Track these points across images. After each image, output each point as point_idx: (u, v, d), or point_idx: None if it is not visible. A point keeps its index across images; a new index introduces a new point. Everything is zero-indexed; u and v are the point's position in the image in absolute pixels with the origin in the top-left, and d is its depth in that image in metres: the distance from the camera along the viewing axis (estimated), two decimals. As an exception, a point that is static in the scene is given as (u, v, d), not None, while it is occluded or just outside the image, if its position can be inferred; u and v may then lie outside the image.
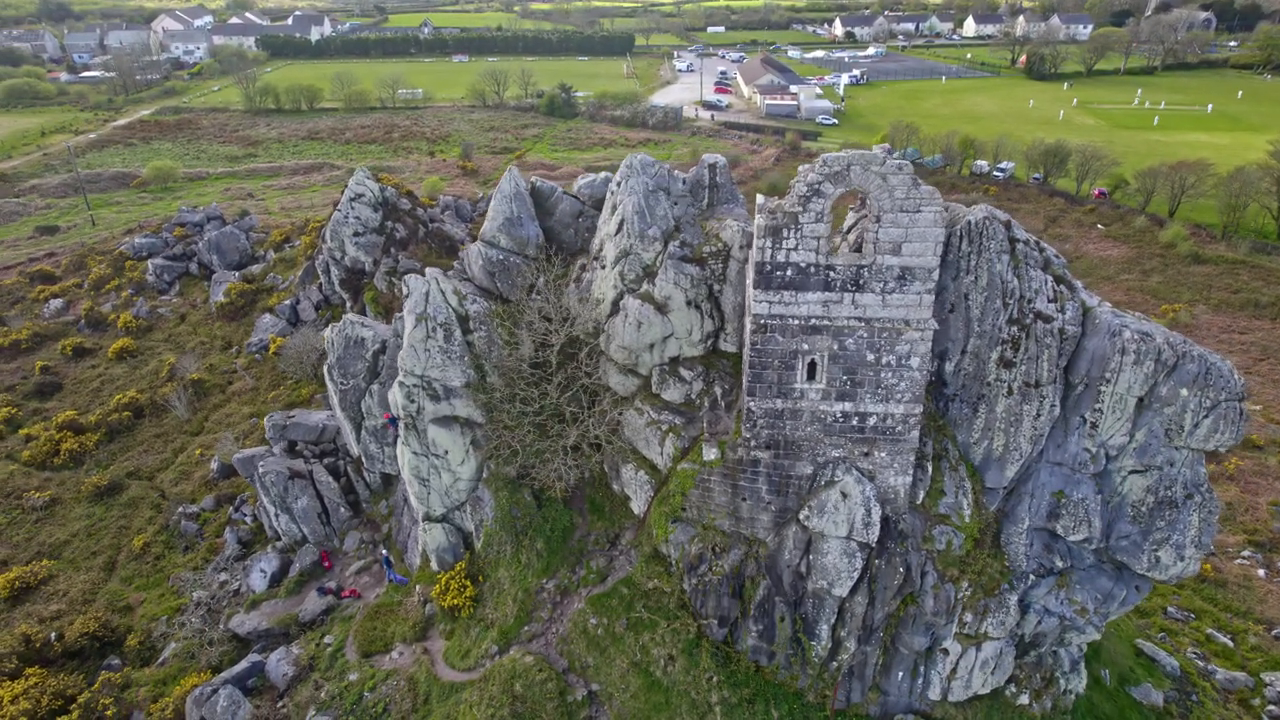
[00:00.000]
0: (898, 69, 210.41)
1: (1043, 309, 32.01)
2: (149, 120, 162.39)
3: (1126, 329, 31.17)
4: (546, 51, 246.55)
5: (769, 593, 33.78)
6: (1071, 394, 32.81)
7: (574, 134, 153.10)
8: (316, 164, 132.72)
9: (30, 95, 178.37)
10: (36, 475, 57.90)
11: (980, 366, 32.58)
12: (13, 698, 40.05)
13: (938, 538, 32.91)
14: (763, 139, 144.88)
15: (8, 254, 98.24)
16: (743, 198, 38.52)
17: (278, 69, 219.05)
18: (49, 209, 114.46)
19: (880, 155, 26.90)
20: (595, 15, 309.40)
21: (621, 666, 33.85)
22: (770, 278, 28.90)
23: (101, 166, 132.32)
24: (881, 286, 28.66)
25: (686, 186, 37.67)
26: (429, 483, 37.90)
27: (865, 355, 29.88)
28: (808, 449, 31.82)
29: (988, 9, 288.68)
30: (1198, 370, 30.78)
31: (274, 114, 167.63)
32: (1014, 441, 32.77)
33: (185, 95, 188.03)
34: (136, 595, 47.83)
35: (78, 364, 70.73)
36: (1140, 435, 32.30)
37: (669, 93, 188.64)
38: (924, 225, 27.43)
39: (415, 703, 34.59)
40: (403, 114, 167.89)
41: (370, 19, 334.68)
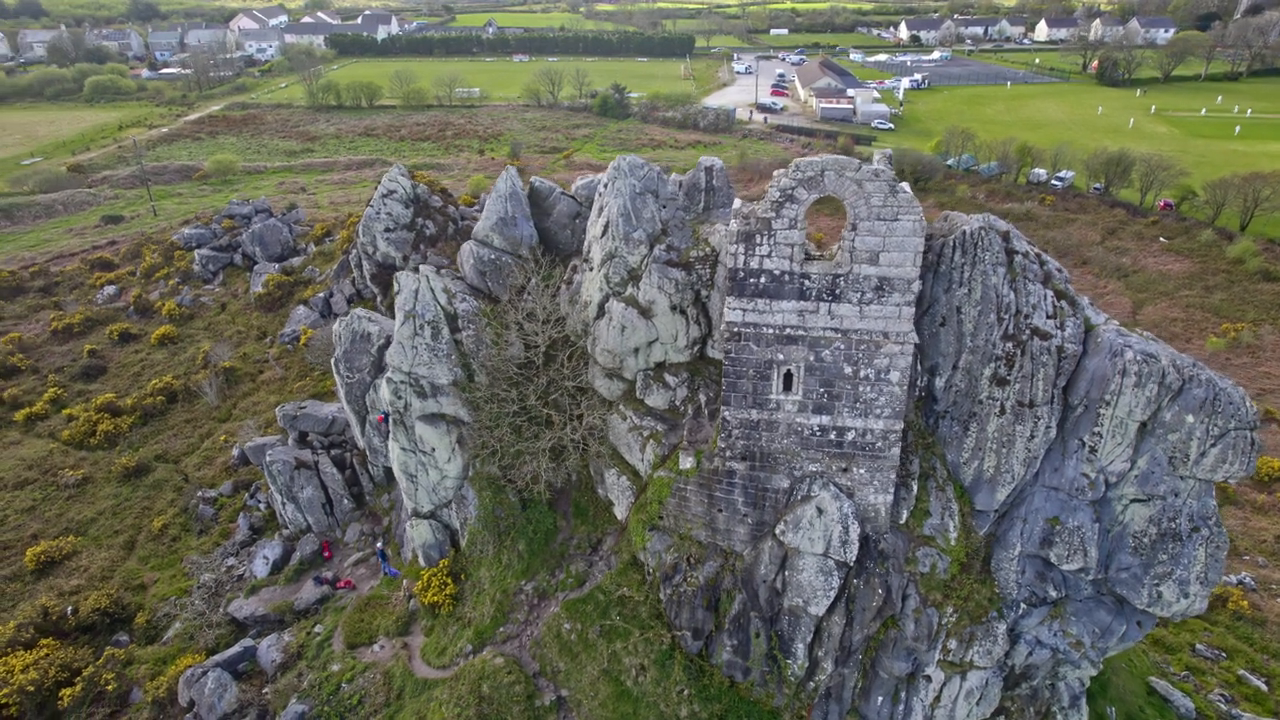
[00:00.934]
0: (961, 73, 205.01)
1: (1040, 325, 30.49)
2: (217, 115, 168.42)
3: (1129, 349, 29.46)
4: (606, 52, 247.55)
5: (744, 607, 32.96)
6: (1070, 416, 31.19)
7: (624, 135, 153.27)
8: (369, 160, 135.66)
9: (112, 91, 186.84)
10: (73, 454, 60.34)
11: (972, 383, 31.21)
12: (23, 667, 41.64)
13: (921, 560, 31.63)
14: (814, 143, 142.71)
15: (75, 241, 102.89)
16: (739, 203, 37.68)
17: (344, 66, 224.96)
18: (116, 199, 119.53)
19: (854, 161, 25.91)
20: (658, 16, 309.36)
21: (592, 673, 33.45)
22: (744, 285, 28.15)
23: (169, 159, 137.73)
24: (859, 297, 27.64)
25: (683, 189, 37.11)
26: (417, 479, 38.12)
27: (843, 368, 28.88)
28: (784, 462, 30.93)
29: (1062, 12, 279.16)
30: (1205, 396, 28.91)
31: (334, 110, 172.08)
32: (1006, 463, 31.29)
33: (254, 92, 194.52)
34: (151, 575, 49.36)
35: (123, 348, 73.55)
36: (1142, 462, 30.49)
37: (724, 95, 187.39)
38: (902, 234, 26.34)
39: (389, 697, 34.81)
40: (458, 112, 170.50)
41: (438, 18, 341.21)
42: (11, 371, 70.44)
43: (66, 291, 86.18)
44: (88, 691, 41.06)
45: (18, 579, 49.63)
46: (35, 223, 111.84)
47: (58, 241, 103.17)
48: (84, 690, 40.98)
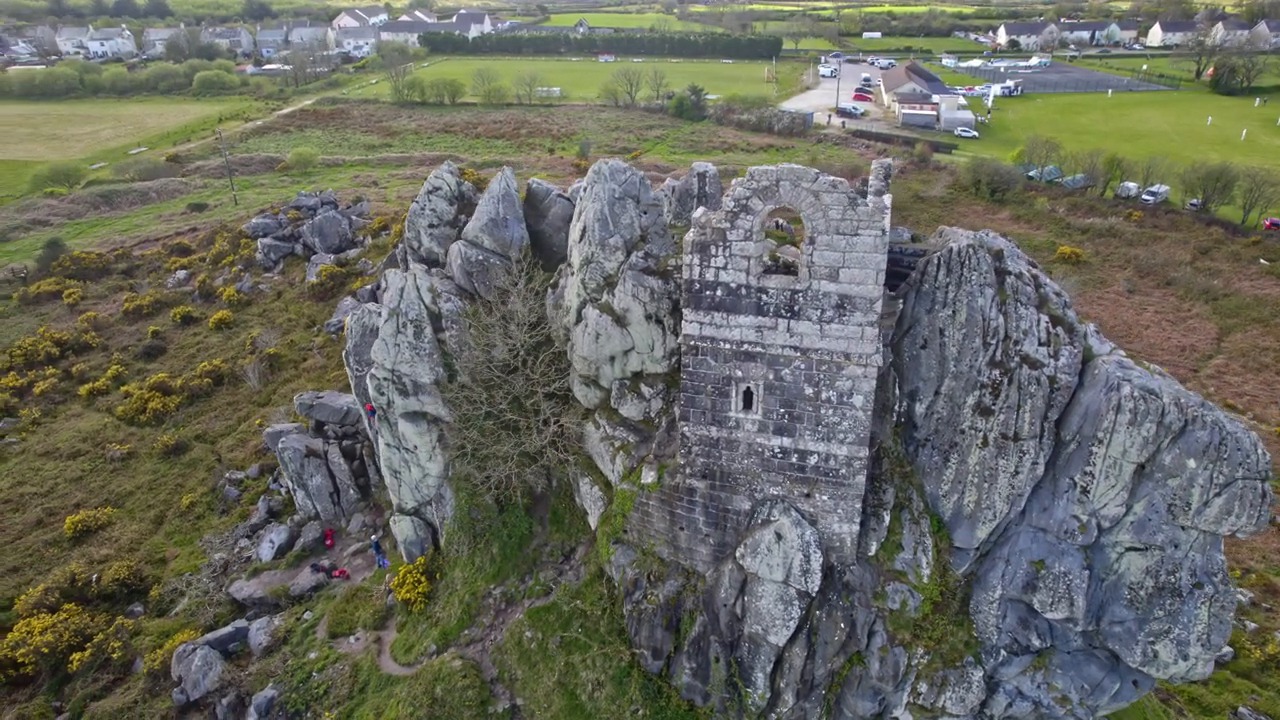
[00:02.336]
0: (1059, 80, 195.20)
1: (1031, 352, 28.32)
2: (308, 110, 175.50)
3: (1127, 383, 27.00)
4: (692, 54, 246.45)
5: (705, 630, 31.79)
6: (1063, 452, 28.85)
7: (696, 136, 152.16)
8: (442, 156, 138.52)
9: (218, 86, 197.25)
10: (124, 429, 63.58)
11: (955, 411, 29.25)
12: (42, 629, 43.91)
13: (891, 595, 29.82)
14: (890, 149, 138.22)
15: (161, 227, 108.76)
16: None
17: (434, 64, 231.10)
18: (204, 188, 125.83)
19: (811, 171, 24.50)
20: (748, 18, 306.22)
21: (548, 685, 32.92)
22: (700, 297, 27.05)
23: (257, 151, 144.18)
24: (819, 315, 26.16)
25: (675, 196, 36.15)
26: (400, 476, 38.39)
27: (803, 388, 27.42)
28: (745, 483, 29.64)
29: (1180, 15, 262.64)
30: (1209, 439, 26.23)
31: (418, 107, 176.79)
32: (987, 499, 29.19)
33: (345, 87, 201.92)
34: (173, 550, 51.46)
35: (183, 331, 77.19)
36: (1139, 508, 27.93)
37: (806, 98, 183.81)
38: (862, 250, 24.75)
39: (352, 690, 35.13)
40: (536, 111, 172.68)
41: (532, 18, 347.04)
42: (84, 348, 74.86)
43: (144, 274, 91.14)
44: (96, 658, 42.97)
45: (56, 544, 52.51)
46: (131, 208, 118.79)
47: (147, 227, 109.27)
48: (92, 656, 42.90)
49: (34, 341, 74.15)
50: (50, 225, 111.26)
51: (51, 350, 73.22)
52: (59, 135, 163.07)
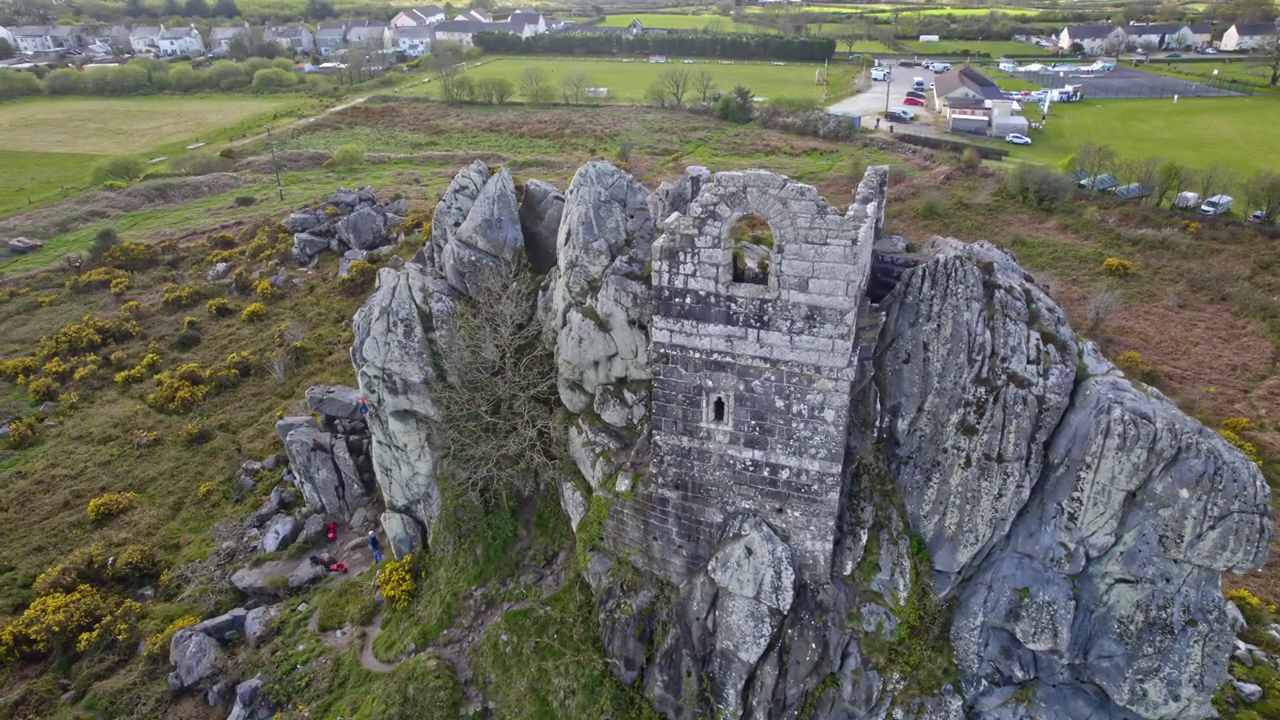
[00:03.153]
0: (1123, 85, 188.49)
1: (1019, 370, 27.11)
2: (360, 107, 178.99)
3: (1119, 406, 25.65)
4: (744, 55, 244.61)
5: (677, 642, 31.20)
6: (1051, 475, 27.58)
7: (740, 139, 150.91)
8: (485, 155, 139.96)
9: (276, 83, 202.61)
10: (154, 416, 65.48)
11: (938, 429, 28.18)
12: (54, 608, 45.33)
13: (866, 617, 28.84)
14: (937, 155, 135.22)
15: (208, 220, 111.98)
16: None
17: (487, 64, 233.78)
18: (253, 183, 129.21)
19: (779, 178, 23.76)
20: (803, 20, 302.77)
21: (520, 689, 32.69)
22: (669, 304, 26.50)
23: (307, 147, 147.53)
24: (788, 326, 25.37)
25: (668, 199, 35.62)
26: (391, 473, 38.61)
27: (774, 400, 26.66)
28: (717, 495, 28.98)
29: (1260, 18, 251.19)
30: (1204, 469, 24.75)
31: (466, 106, 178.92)
32: (969, 521, 28.04)
33: (398, 86, 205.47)
34: (187, 537, 52.72)
35: (217, 322, 79.24)
36: (1129, 538, 26.51)
37: (856, 102, 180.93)
38: (831, 260, 23.92)
39: (332, 684, 35.42)
40: (581, 111, 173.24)
41: (587, 18, 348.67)
42: (124, 337, 77.40)
43: (188, 266, 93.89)
44: (103, 638, 44.19)
45: (79, 526, 54.23)
46: (183, 201, 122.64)
47: (196, 220, 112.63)
48: (100, 637, 44.13)
49: (78, 329, 76.93)
50: (107, 217, 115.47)
51: (94, 338, 75.83)
52: (124, 130, 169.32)
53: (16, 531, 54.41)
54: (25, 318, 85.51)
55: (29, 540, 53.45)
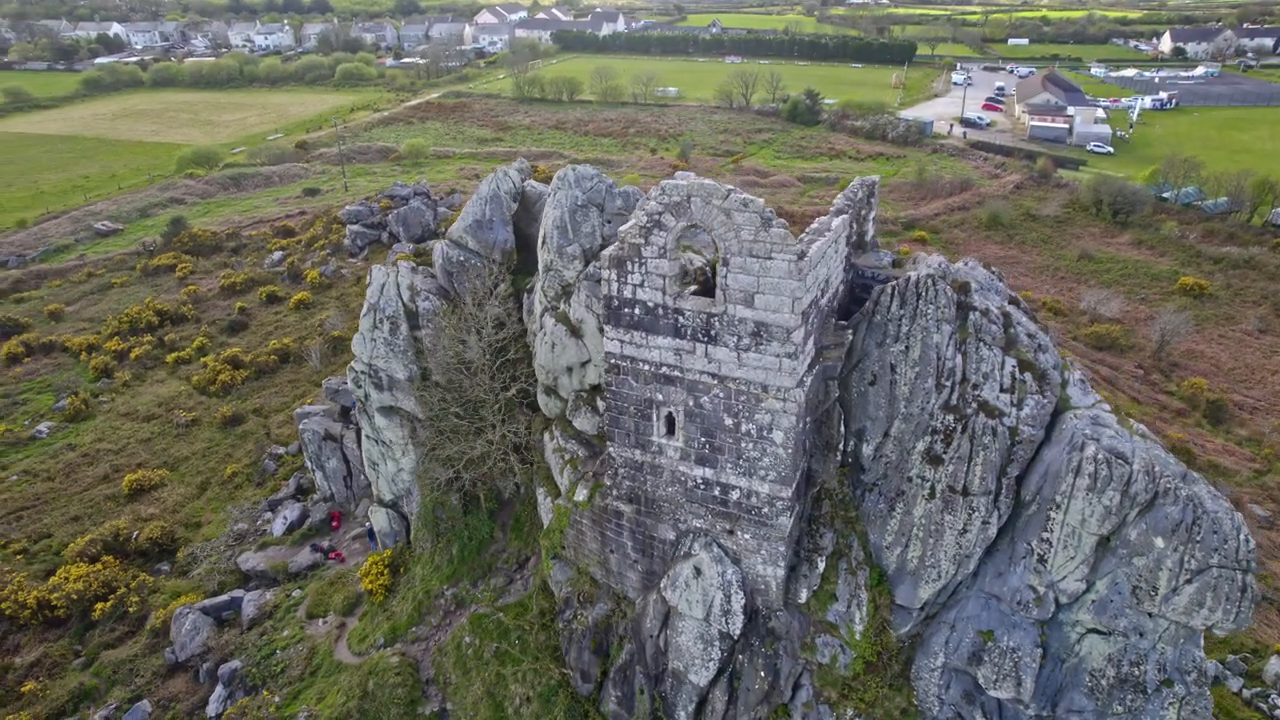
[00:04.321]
0: (1226, 93, 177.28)
1: (990, 399, 25.46)
2: (433, 102, 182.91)
3: (1093, 443, 23.82)
4: (821, 56, 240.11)
5: (631, 659, 30.50)
6: (1022, 513, 25.83)
7: (804, 142, 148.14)
8: (547, 152, 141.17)
9: (357, 77, 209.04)
10: (195, 398, 68.15)
11: (903, 456, 26.74)
12: (76, 577, 47.55)
13: (821, 648, 27.59)
14: (1009, 163, 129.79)
15: (275, 209, 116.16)
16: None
17: (563, 61, 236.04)
18: (322, 174, 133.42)
19: (723, 188, 22.78)
20: (886, 22, 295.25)
21: (477, 693, 32.53)
22: (619, 314, 25.81)
23: (377, 140, 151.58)
24: (735, 341, 24.37)
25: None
26: (378, 468, 39.02)
27: (723, 418, 25.68)
28: (669, 512, 28.16)
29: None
30: (1181, 517, 22.73)
31: (536, 103, 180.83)
32: (932, 556, 26.49)
33: (473, 82, 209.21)
34: (208, 516, 54.58)
35: (266, 309, 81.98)
36: (1101, 585, 24.59)
37: (931, 106, 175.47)
38: (776, 275, 22.83)
39: (304, 672, 35.99)
40: (649, 110, 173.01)
41: (668, 17, 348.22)
42: (180, 319, 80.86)
43: (249, 253, 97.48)
44: (116, 609, 46.12)
45: (114, 499, 56.79)
46: (255, 190, 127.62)
47: (264, 208, 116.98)
48: (113, 608, 46.07)
49: (139, 310, 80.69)
50: (184, 204, 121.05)
51: (152, 319, 79.42)
52: (213, 121, 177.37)
53: (58, 500, 57.33)
54: (97, 298, 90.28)
55: (68, 510, 56.23)
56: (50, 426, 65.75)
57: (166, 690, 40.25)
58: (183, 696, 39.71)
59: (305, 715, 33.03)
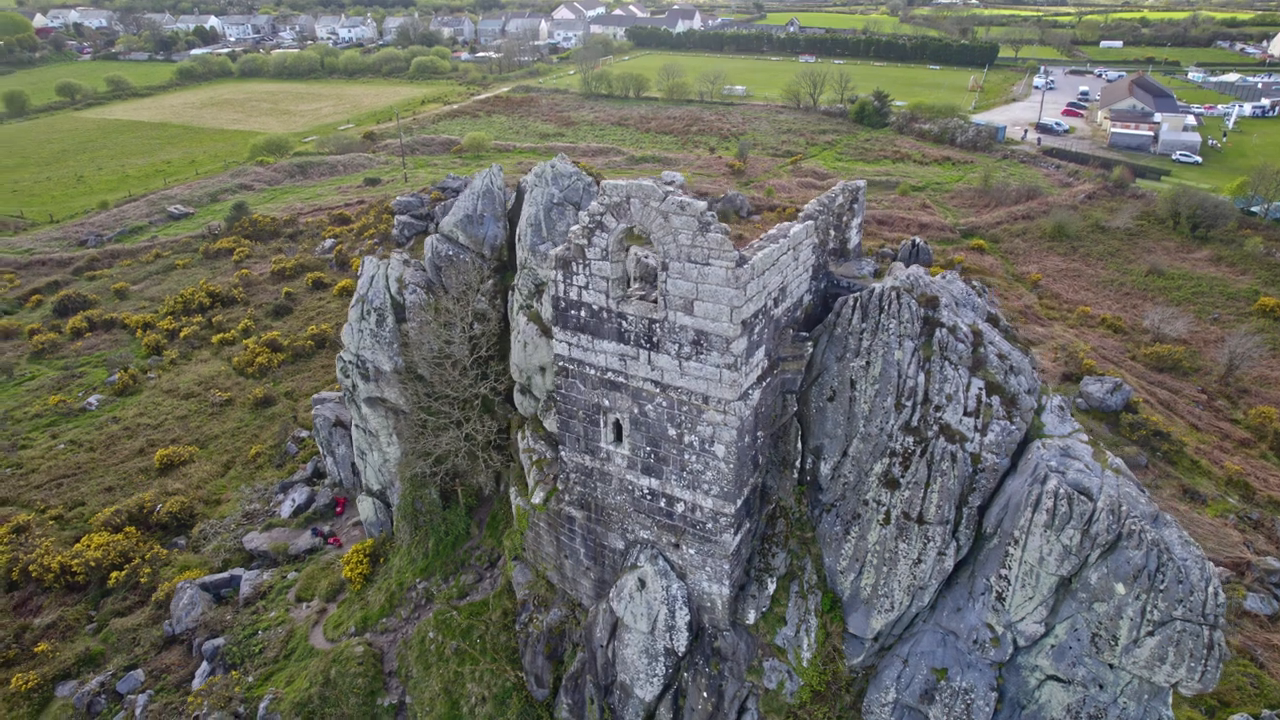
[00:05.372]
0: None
1: (953, 422, 23.92)
2: (502, 96, 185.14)
3: (1057, 476, 22.10)
4: (898, 57, 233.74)
5: (583, 667, 29.88)
6: (984, 546, 24.20)
7: (869, 144, 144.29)
8: (605, 148, 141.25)
9: (431, 70, 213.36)
10: (233, 378, 70.39)
11: (861, 477, 25.39)
12: (96, 546, 49.56)
13: (768, 673, 26.45)
14: (1083, 172, 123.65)
15: (335, 197, 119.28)
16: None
17: (635, 58, 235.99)
18: (385, 164, 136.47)
19: (661, 190, 21.88)
20: (971, 23, 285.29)
21: (435, 689, 32.41)
22: (566, 316, 25.17)
23: (441, 133, 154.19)
24: (676, 349, 23.45)
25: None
26: (366, 457, 39.33)
27: (667, 428, 24.79)
28: (618, 520, 27.39)
29: None
30: (1143, 563, 20.87)
31: (603, 99, 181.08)
32: (885, 585, 25.07)
33: (543, 77, 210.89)
34: (228, 494, 56.20)
35: (311, 295, 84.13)
36: (1061, 630, 22.81)
37: (1008, 111, 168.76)
38: (714, 283, 21.82)
39: (279, 655, 36.53)
40: (713, 109, 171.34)
41: (747, 15, 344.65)
42: (230, 302, 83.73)
43: (304, 240, 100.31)
44: (129, 579, 47.88)
45: (145, 472, 59.08)
46: (319, 179, 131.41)
47: (325, 196, 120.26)
48: (127, 577, 47.86)
49: (193, 291, 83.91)
50: (253, 190, 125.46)
51: (204, 300, 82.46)
52: (290, 111, 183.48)
53: (96, 471, 59.94)
54: (161, 278, 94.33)
55: (104, 480, 58.71)
56: (100, 399, 68.84)
57: (160, 661, 41.49)
58: (174, 668, 40.87)
59: (271, 697, 33.53)
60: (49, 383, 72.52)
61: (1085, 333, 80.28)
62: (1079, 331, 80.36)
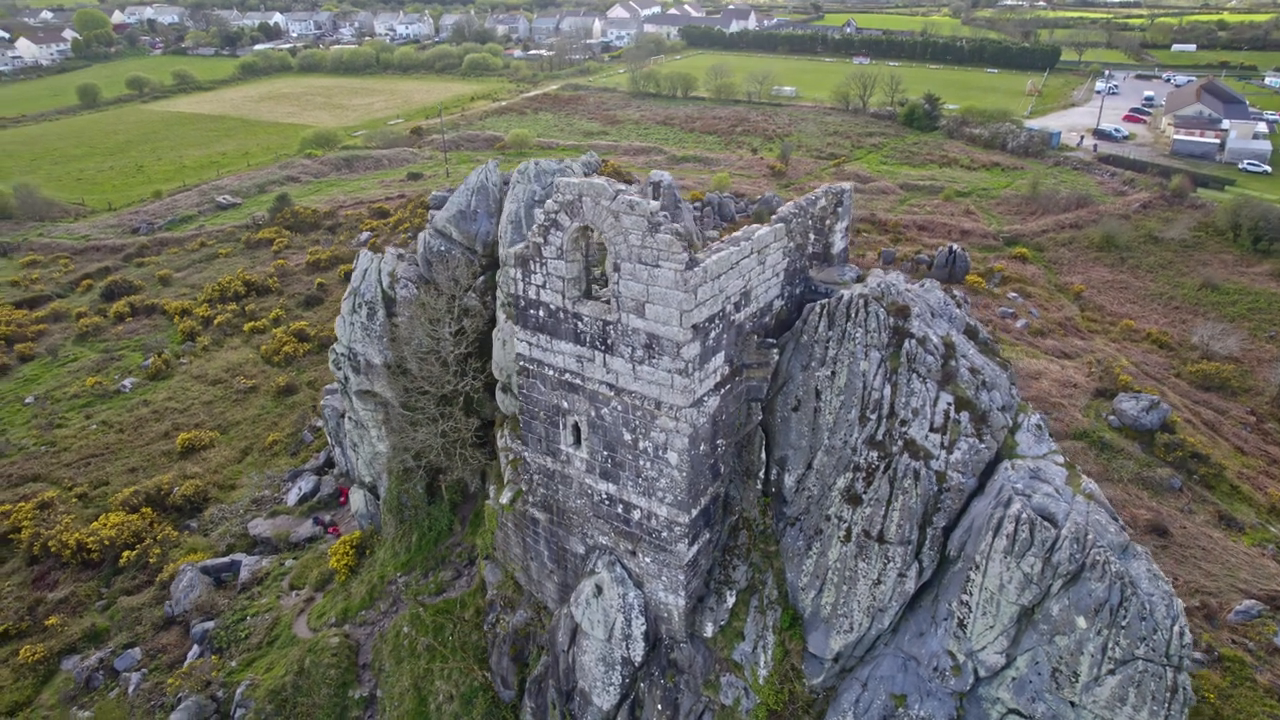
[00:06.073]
0: None
1: (918, 438, 22.88)
2: (551, 94, 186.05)
3: (1021, 499, 20.94)
4: (955, 60, 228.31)
5: (546, 671, 29.46)
6: (948, 569, 23.08)
7: (916, 148, 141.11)
8: (646, 147, 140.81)
9: (482, 68, 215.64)
10: (260, 366, 71.84)
11: (825, 491, 24.46)
12: (111, 525, 50.92)
13: (725, 688, 25.67)
14: (1140, 180, 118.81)
15: (377, 191, 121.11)
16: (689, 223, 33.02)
17: (687, 57, 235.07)
18: (429, 160, 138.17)
19: (611, 188, 21.29)
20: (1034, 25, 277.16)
21: (405, 684, 32.35)
22: (525, 315, 24.76)
23: (488, 129, 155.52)
24: (630, 352, 22.85)
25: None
26: (358, 449, 39.56)
27: (623, 432, 24.20)
28: (578, 524, 26.89)
29: None
30: (1105, 596, 19.63)
31: (650, 98, 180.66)
32: (845, 605, 24.10)
33: (593, 75, 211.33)
34: (242, 480, 57.28)
35: (343, 286, 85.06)
36: (1022, 662, 21.59)
37: (1066, 116, 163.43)
38: (664, 285, 21.17)
39: (262, 642, 36.92)
40: (760, 109, 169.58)
41: (804, 15, 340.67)
42: (265, 291, 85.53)
43: (342, 232, 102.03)
44: (139, 559, 49.07)
45: (168, 455, 60.57)
46: (365, 172, 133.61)
47: (368, 190, 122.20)
48: (137, 557, 49.06)
49: (230, 280, 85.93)
50: (299, 182, 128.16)
51: (240, 289, 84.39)
52: (343, 105, 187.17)
53: (123, 451, 61.69)
54: (203, 266, 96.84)
55: (129, 461, 60.36)
56: (133, 382, 70.87)
57: (158, 641, 42.33)
58: (170, 649, 41.65)
59: (247, 684, 33.90)
60: (89, 365, 74.89)
61: (1128, 347, 76.98)
62: (1121, 346, 77.10)
